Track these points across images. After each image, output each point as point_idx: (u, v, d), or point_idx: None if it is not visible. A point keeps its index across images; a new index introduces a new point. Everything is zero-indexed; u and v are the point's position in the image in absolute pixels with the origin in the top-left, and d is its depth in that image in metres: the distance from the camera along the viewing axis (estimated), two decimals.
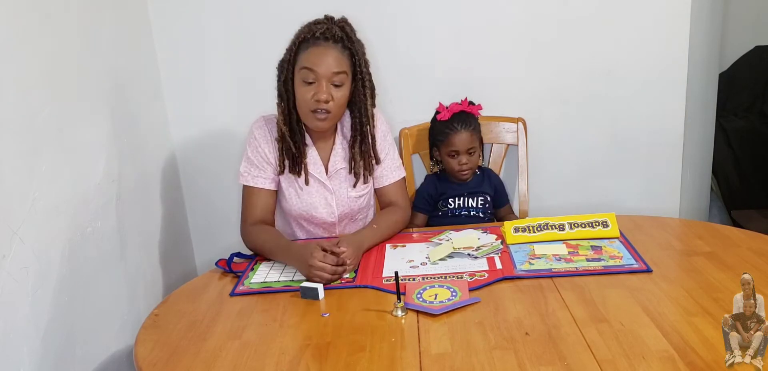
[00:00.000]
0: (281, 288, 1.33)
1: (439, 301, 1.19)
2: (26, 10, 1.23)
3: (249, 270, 1.42)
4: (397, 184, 1.65)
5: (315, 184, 1.58)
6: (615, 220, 1.47)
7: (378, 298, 1.26)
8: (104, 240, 1.47)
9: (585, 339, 1.05)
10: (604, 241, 1.44)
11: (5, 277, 1.09)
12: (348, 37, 1.49)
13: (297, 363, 1.05)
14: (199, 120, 1.97)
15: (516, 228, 1.48)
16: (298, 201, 1.59)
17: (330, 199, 1.60)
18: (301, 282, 1.31)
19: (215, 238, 2.07)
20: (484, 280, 1.28)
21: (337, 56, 1.46)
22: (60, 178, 1.30)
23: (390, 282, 1.30)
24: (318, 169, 1.58)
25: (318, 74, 1.44)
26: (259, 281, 1.37)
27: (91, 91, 1.47)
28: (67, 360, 1.28)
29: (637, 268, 1.30)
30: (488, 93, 1.89)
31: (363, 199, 1.64)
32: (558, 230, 1.47)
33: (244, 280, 1.38)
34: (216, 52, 1.92)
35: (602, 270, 1.30)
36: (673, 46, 1.89)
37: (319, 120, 1.48)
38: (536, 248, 1.42)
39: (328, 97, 1.45)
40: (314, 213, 1.59)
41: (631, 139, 1.97)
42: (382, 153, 1.62)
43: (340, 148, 1.60)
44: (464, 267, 1.35)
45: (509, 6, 1.88)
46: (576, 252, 1.39)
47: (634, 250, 1.38)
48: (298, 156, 1.54)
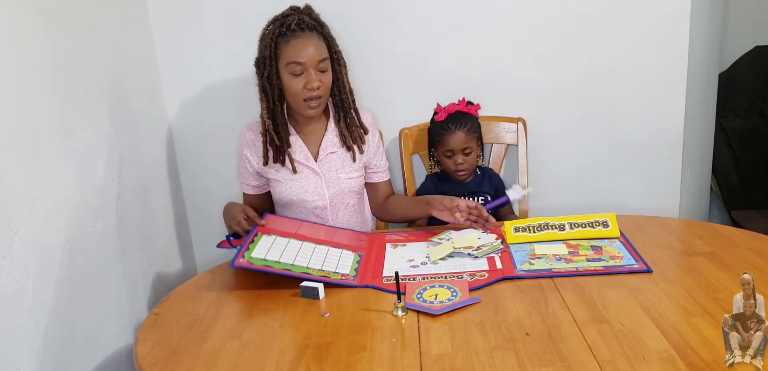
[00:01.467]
0: (281, 270, 1.32)
1: (439, 301, 1.19)
2: (26, 9, 1.23)
3: (249, 242, 1.42)
4: (388, 182, 1.79)
5: (304, 170, 1.64)
6: (615, 220, 1.47)
7: (378, 298, 1.26)
8: (104, 240, 1.47)
9: (585, 340, 1.05)
10: (604, 241, 1.44)
11: (5, 277, 1.09)
12: (319, 23, 1.58)
13: (297, 363, 1.05)
14: (199, 120, 1.97)
15: (516, 228, 1.48)
16: (287, 189, 1.65)
17: (319, 184, 1.65)
18: (305, 268, 1.32)
19: (215, 238, 2.05)
20: (484, 280, 1.28)
21: (317, 43, 1.54)
22: (60, 178, 1.30)
23: (390, 282, 1.30)
24: (305, 156, 1.65)
25: (305, 65, 1.52)
26: (261, 256, 1.36)
27: (91, 91, 1.47)
28: (67, 360, 1.28)
29: (638, 268, 1.30)
30: (488, 93, 1.89)
31: (354, 182, 1.69)
32: (558, 230, 1.47)
33: (244, 252, 1.37)
34: (216, 51, 1.92)
35: (602, 270, 1.30)
36: (673, 46, 1.89)
37: (312, 107, 1.57)
38: (536, 248, 1.42)
39: (319, 83, 1.54)
40: (305, 197, 1.64)
41: (631, 139, 1.97)
42: (372, 148, 1.72)
43: (332, 133, 1.67)
44: (464, 266, 1.35)
45: (509, 6, 1.88)
46: (576, 252, 1.39)
47: (635, 250, 1.38)
48: (281, 146, 1.61)
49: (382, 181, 1.77)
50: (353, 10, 1.86)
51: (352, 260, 1.43)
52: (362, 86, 1.85)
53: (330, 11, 1.67)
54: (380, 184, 1.77)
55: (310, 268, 1.34)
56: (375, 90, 1.91)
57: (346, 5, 1.84)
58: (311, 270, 1.34)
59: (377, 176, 1.76)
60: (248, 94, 1.93)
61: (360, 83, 1.82)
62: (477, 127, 1.78)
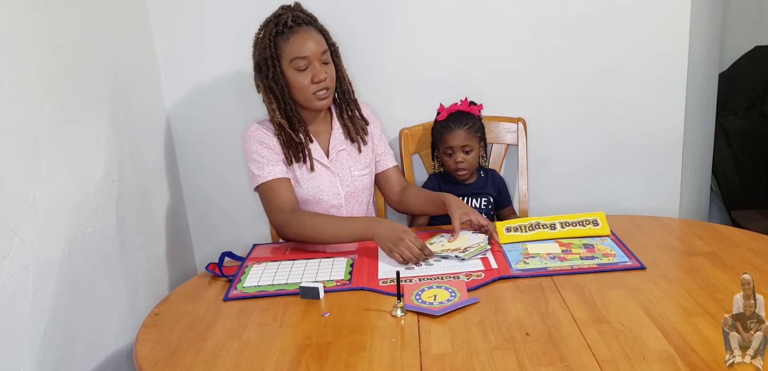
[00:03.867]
0: (276, 291, 1.31)
1: (438, 302, 1.19)
2: (26, 9, 1.23)
3: (241, 274, 1.41)
4: (397, 167, 1.78)
5: (319, 168, 1.63)
6: (605, 219, 1.48)
7: (378, 298, 1.26)
8: (104, 240, 1.47)
9: (585, 340, 1.05)
10: (595, 239, 1.45)
11: (5, 277, 1.09)
12: (312, 17, 1.59)
13: (297, 363, 1.05)
14: (199, 120, 1.97)
15: (508, 228, 1.49)
16: (304, 188, 1.62)
17: (334, 182, 1.64)
18: (300, 284, 1.30)
19: (215, 238, 2.06)
20: (481, 280, 1.29)
21: (316, 36, 1.55)
22: (60, 178, 1.30)
23: (386, 284, 1.30)
24: (319, 154, 1.64)
25: (309, 58, 1.52)
26: (253, 284, 1.35)
27: (90, 90, 1.47)
28: (67, 360, 1.28)
29: (631, 266, 1.31)
30: (488, 93, 1.89)
31: (366, 178, 1.69)
32: (549, 229, 1.48)
33: (237, 284, 1.36)
34: (216, 51, 1.92)
35: (597, 267, 1.31)
36: (673, 46, 1.89)
37: (321, 99, 1.56)
38: (529, 247, 1.43)
39: (325, 74, 1.54)
40: (321, 196, 1.63)
41: (631, 139, 1.97)
42: (375, 137, 1.73)
43: (338, 130, 1.67)
44: (453, 268, 1.35)
45: (509, 6, 1.88)
46: (569, 250, 1.40)
47: (626, 248, 1.39)
48: (301, 143, 1.59)
49: (391, 167, 1.76)
50: (353, 10, 1.86)
51: (346, 264, 1.42)
52: (362, 86, 1.85)
53: (330, 11, 1.67)
54: (389, 171, 1.75)
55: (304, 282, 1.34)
56: (375, 90, 1.91)
57: (346, 5, 1.84)
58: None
59: (384, 162, 1.75)
60: (248, 94, 1.93)
61: (360, 83, 1.82)
62: (479, 127, 1.78)
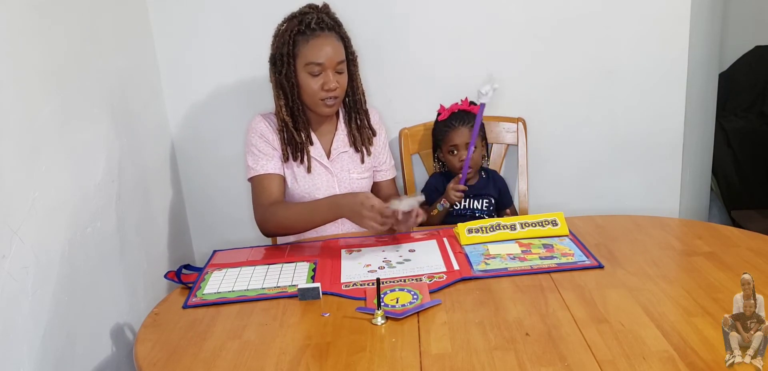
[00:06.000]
0: (237, 298, 1.29)
1: (400, 305, 1.19)
2: (26, 9, 1.23)
3: (200, 281, 1.38)
4: (392, 181, 1.79)
5: (317, 167, 1.63)
6: (563, 219, 1.50)
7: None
8: (104, 240, 1.47)
9: (585, 340, 1.05)
10: (554, 239, 1.46)
11: (5, 277, 1.09)
12: (337, 23, 1.57)
13: (297, 363, 1.05)
14: (199, 120, 1.97)
15: (469, 230, 1.50)
16: (301, 185, 1.62)
17: (332, 182, 1.64)
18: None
19: (215, 238, 2.06)
20: (443, 281, 1.29)
21: (335, 45, 1.54)
22: (60, 178, 1.30)
23: (349, 288, 1.29)
24: (319, 153, 1.64)
25: (324, 65, 1.52)
26: (213, 291, 1.32)
27: (90, 90, 1.47)
28: (67, 360, 1.28)
29: (589, 265, 1.32)
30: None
31: (364, 182, 1.70)
32: (510, 230, 1.49)
33: (197, 291, 1.33)
34: (216, 51, 1.92)
35: (556, 267, 1.32)
36: (673, 46, 1.89)
37: (328, 107, 1.57)
38: (490, 248, 1.44)
39: (336, 84, 1.54)
40: (317, 195, 1.62)
41: (631, 139, 1.97)
42: (379, 147, 1.73)
43: (342, 132, 1.67)
44: (422, 269, 1.35)
45: (509, 6, 1.88)
46: (529, 250, 1.41)
47: (585, 247, 1.40)
48: (301, 144, 1.59)
49: (386, 180, 1.77)
50: (352, 11, 1.86)
51: (308, 269, 1.39)
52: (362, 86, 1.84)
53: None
54: (384, 184, 1.77)
55: (265, 289, 1.32)
56: (375, 90, 1.91)
57: (345, 5, 1.84)
58: (267, 289, 1.31)
59: (381, 174, 1.76)
60: (248, 94, 1.93)
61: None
62: (482, 126, 1.78)
